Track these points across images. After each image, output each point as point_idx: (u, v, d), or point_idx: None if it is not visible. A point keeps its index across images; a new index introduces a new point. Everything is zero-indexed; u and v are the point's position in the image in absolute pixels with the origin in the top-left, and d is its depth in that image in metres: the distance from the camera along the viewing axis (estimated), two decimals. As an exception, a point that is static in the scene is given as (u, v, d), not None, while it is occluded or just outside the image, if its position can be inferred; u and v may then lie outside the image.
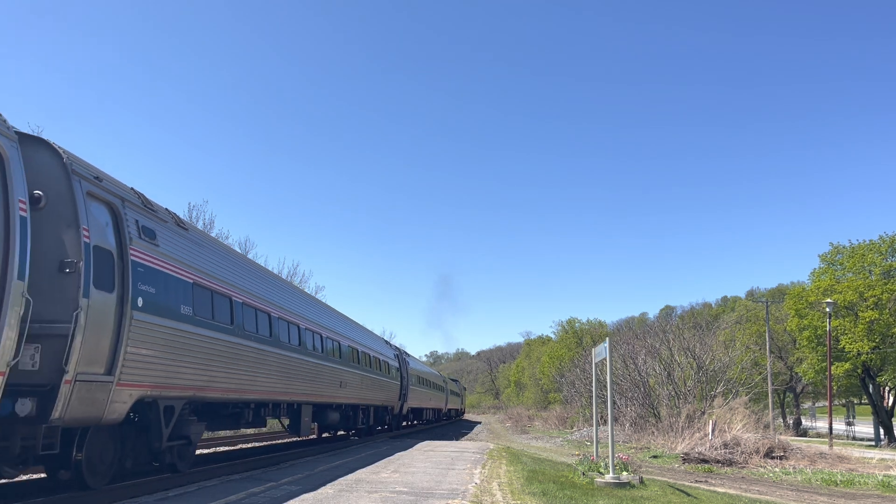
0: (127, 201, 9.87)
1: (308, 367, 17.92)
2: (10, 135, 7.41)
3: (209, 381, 11.83)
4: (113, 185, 9.73)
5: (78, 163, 8.95)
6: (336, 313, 24.49)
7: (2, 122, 7.44)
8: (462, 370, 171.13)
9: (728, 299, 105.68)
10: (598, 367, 16.58)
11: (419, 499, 9.15)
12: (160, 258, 10.31)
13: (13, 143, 7.32)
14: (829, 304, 36.82)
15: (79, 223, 8.41)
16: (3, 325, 6.63)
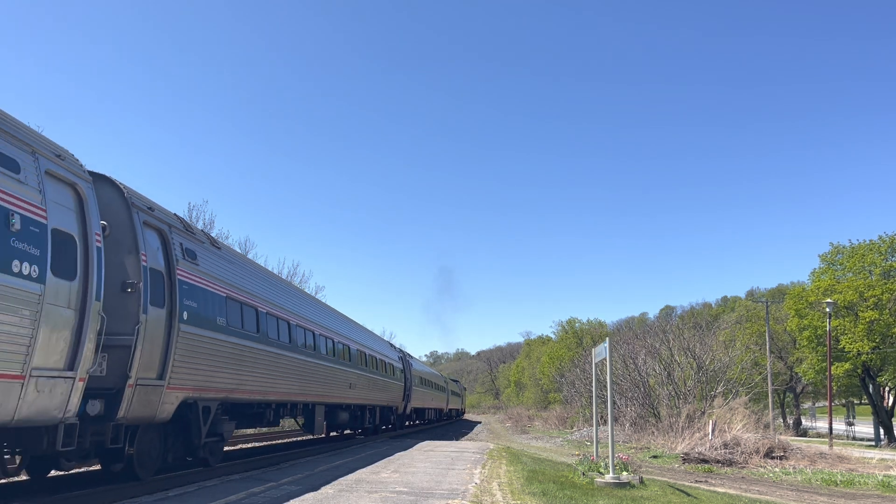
0: (173, 227, 11.32)
1: (322, 370, 19.10)
2: (86, 177, 8.72)
3: (239, 384, 13.18)
4: (162, 214, 11.23)
5: (135, 196, 10.46)
6: (345, 318, 25.53)
7: (78, 165, 8.74)
8: (462, 370, 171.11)
9: (728, 299, 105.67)
10: (598, 367, 16.58)
11: (419, 499, 9.15)
12: (200, 276, 11.73)
13: (89, 184, 8.67)
14: (829, 304, 36.81)
15: (138, 249, 9.90)
16: (85, 340, 8.01)
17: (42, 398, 7.50)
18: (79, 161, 8.80)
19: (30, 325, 7.18)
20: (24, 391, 7.18)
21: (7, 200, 6.92)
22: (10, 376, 6.92)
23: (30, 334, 7.19)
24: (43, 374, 7.47)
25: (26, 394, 7.21)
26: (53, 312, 7.61)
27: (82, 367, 8.05)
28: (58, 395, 7.79)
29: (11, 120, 7.61)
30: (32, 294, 7.20)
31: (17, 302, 6.96)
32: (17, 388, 7.05)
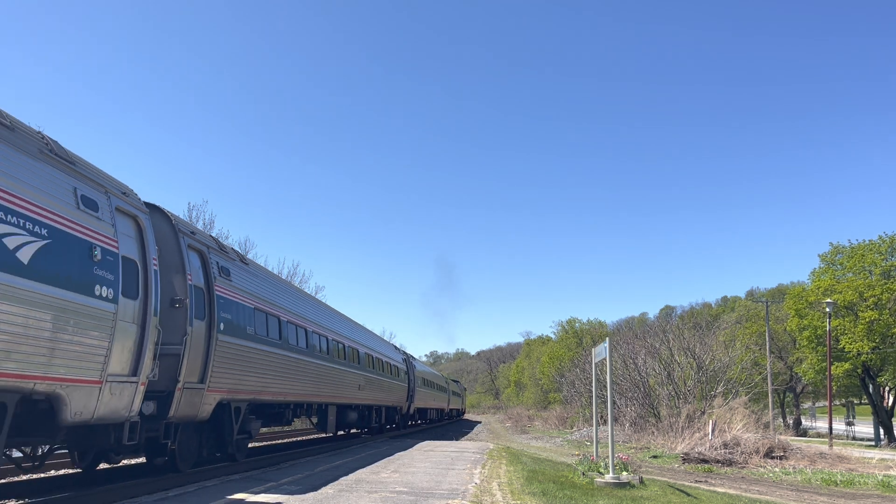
0: (210, 248, 12.77)
1: (334, 373, 20.51)
2: (143, 209, 10.18)
3: (264, 386, 14.62)
4: (201, 236, 12.80)
5: (181, 222, 11.95)
6: (354, 323, 26.98)
7: (138, 199, 10.20)
8: (462, 370, 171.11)
9: (728, 299, 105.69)
10: (598, 367, 16.58)
11: (419, 499, 9.15)
12: (233, 290, 13.19)
13: (146, 215, 10.13)
14: (829, 304, 36.81)
15: (185, 269, 11.35)
16: (145, 350, 9.45)
17: (114, 400, 8.86)
18: (138, 196, 10.37)
19: (107, 339, 8.56)
20: (102, 394, 8.55)
21: (90, 235, 8.37)
22: (93, 382, 8.32)
23: (106, 346, 8.57)
24: (115, 380, 8.82)
25: (103, 396, 8.57)
26: (123, 328, 8.96)
27: (143, 373, 9.48)
28: (125, 397, 9.15)
29: (91, 167, 9.19)
30: (109, 313, 8.58)
31: (98, 320, 8.35)
32: (96, 391, 8.43)
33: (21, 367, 7.05)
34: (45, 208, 7.59)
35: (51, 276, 7.48)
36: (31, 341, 7.18)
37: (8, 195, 6.93)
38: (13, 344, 6.88)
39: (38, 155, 7.86)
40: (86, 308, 8.06)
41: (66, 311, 7.72)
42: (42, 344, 7.34)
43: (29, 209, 7.30)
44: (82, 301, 8.02)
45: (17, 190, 7.15)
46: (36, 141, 8.01)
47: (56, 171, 8.11)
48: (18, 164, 7.35)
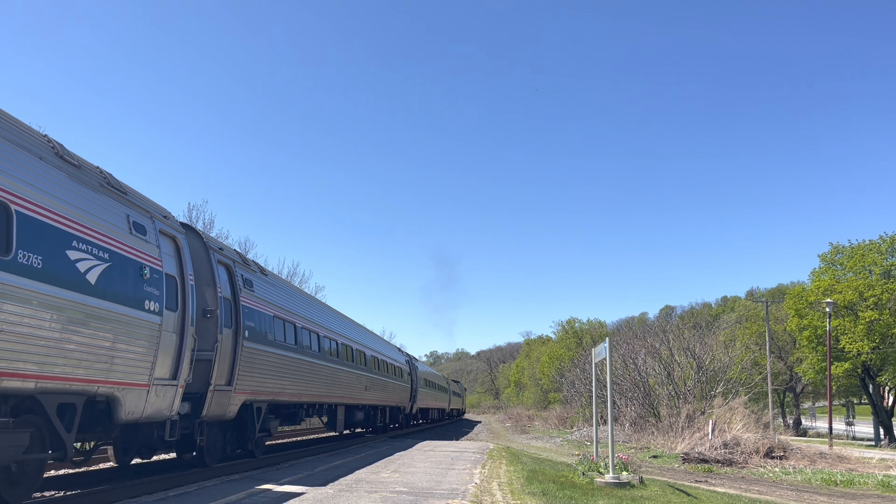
0: (236, 262, 13.95)
1: (343, 375, 21.67)
2: (181, 230, 11.40)
3: (282, 388, 15.73)
4: (229, 252, 14.08)
5: (211, 240, 13.27)
6: (360, 327, 28.42)
7: (176, 222, 11.41)
8: (462, 370, 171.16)
9: (728, 299, 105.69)
10: (598, 367, 16.58)
11: (419, 499, 9.15)
12: (255, 300, 14.31)
13: (183, 235, 11.34)
14: (829, 304, 36.81)
15: (215, 283, 12.47)
16: (184, 356, 10.55)
17: (158, 401, 9.96)
18: (175, 218, 11.66)
19: (153, 348, 9.67)
20: (149, 396, 9.64)
21: (141, 256, 9.52)
22: (142, 385, 9.46)
23: (153, 354, 9.67)
24: (159, 383, 9.91)
25: (150, 398, 9.67)
26: (166, 337, 10.01)
27: (182, 377, 10.58)
28: (167, 398, 10.23)
29: (139, 195, 10.44)
30: (155, 325, 9.70)
31: (147, 331, 9.46)
32: (145, 393, 9.53)
33: (88, 373, 8.22)
34: (106, 235, 8.77)
35: (112, 294, 8.66)
36: (97, 351, 8.35)
37: (79, 225, 8.16)
38: (83, 354, 8.07)
39: (98, 188, 9.04)
40: (138, 321, 9.26)
41: (123, 324, 8.89)
42: (104, 353, 8.50)
43: (94, 237, 8.49)
44: (135, 315, 9.21)
45: (86, 220, 8.35)
46: (96, 175, 9.17)
47: (112, 201, 9.31)
48: (85, 198, 8.54)
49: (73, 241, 7.97)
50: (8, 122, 7.54)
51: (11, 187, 7.03)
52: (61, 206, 7.88)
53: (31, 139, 7.93)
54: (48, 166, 7.96)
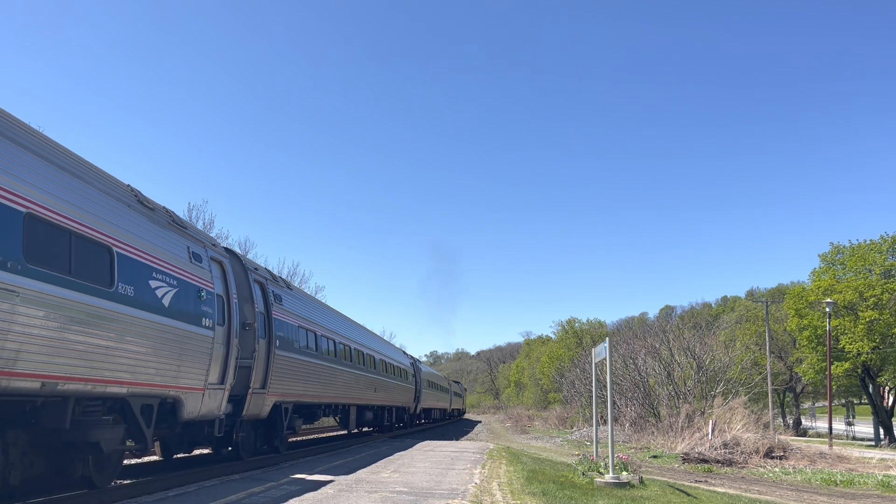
0: (268, 279, 15.80)
1: (356, 377, 23.32)
2: (225, 255, 13.28)
3: (305, 390, 17.50)
4: (263, 271, 16.10)
5: (249, 262, 15.39)
6: (370, 332, 30.52)
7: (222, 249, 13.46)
8: (462, 370, 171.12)
9: (728, 299, 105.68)
10: (598, 367, 16.58)
11: (419, 499, 9.15)
12: (284, 313, 16.03)
13: (227, 260, 13.17)
14: (829, 304, 36.81)
15: (252, 299, 14.32)
16: (230, 364, 12.29)
17: (210, 402, 11.63)
18: (222, 246, 13.84)
19: (207, 357, 11.34)
20: (203, 398, 11.34)
21: (198, 281, 11.23)
22: (199, 389, 11.17)
23: (207, 362, 11.33)
24: (211, 387, 11.58)
25: (204, 399, 11.37)
26: (216, 348, 11.72)
27: (228, 382, 12.29)
28: (217, 400, 11.92)
29: (195, 228, 12.55)
30: (209, 338, 11.40)
31: (203, 343, 11.17)
32: (200, 396, 11.22)
33: (163, 379, 9.98)
34: (174, 265, 10.46)
35: (179, 315, 10.38)
36: (169, 362, 10.08)
37: (156, 259, 9.93)
38: (160, 364, 9.82)
39: (166, 225, 10.81)
40: (197, 336, 10.96)
41: (187, 339, 10.60)
42: (174, 363, 10.24)
43: (166, 267, 10.19)
44: (195, 331, 10.92)
45: (160, 254, 10.09)
46: (164, 214, 10.96)
47: (177, 236, 11.06)
48: (159, 236, 10.32)
49: (153, 272, 9.80)
50: (104, 177, 9.47)
51: (112, 233, 8.91)
52: (144, 244, 9.68)
53: (120, 190, 9.85)
54: (134, 213, 9.87)
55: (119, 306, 8.71)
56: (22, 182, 7.23)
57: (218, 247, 13.19)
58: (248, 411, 13.82)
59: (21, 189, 7.17)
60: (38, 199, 7.43)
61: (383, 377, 28.51)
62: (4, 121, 7.42)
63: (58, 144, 8.53)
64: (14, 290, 6.92)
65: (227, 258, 13.27)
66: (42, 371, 7.47)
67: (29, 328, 7.15)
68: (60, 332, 7.62)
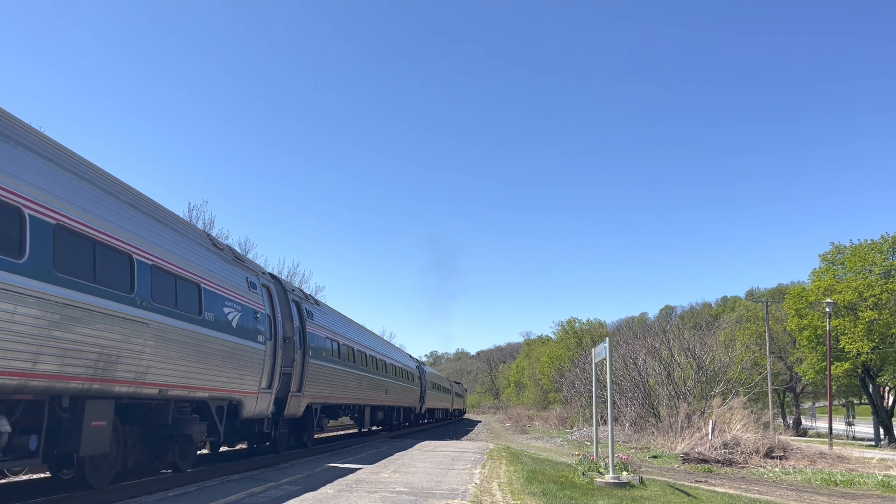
0: (302, 298, 18.46)
1: (370, 381, 25.65)
2: (271, 281, 15.82)
3: (331, 393, 20.14)
4: (299, 292, 18.77)
5: (287, 284, 18.06)
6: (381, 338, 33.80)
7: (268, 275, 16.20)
8: (462, 370, 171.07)
9: (728, 299, 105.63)
10: (598, 367, 16.58)
11: (419, 499, 9.15)
12: (314, 326, 18.58)
13: (272, 284, 15.78)
14: (829, 304, 36.79)
15: (292, 316, 16.80)
16: (276, 372, 14.72)
17: (261, 403, 14.23)
18: (267, 273, 16.59)
19: (260, 366, 13.87)
20: (257, 400, 13.93)
21: (254, 304, 13.93)
22: (254, 393, 13.83)
23: (260, 371, 13.90)
24: (262, 391, 14.12)
25: (258, 401, 13.97)
26: (267, 359, 14.21)
27: (274, 387, 14.84)
28: (266, 402, 14.46)
29: (249, 260, 15.55)
30: (262, 351, 13.99)
31: (258, 356, 13.76)
32: (255, 398, 13.89)
33: (231, 385, 12.61)
34: (237, 293, 13.17)
35: (243, 333, 13.07)
36: (235, 371, 12.66)
37: (226, 290, 12.57)
38: (230, 373, 12.40)
39: (231, 261, 13.60)
40: (254, 350, 13.62)
41: (248, 352, 13.22)
42: (238, 372, 12.80)
43: (233, 295, 12.88)
44: (253, 346, 13.57)
45: (228, 286, 12.78)
46: (229, 252, 13.98)
47: (238, 269, 13.83)
48: (227, 270, 13.01)
49: (225, 300, 12.35)
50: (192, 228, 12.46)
51: (200, 273, 11.49)
52: (219, 279, 12.33)
53: (202, 236, 12.83)
54: (211, 254, 12.57)
55: (205, 329, 11.37)
56: (150, 243, 9.97)
57: (265, 274, 16.12)
58: (287, 411, 16.26)
59: (150, 248, 9.94)
60: (160, 255, 10.21)
61: (393, 380, 30.88)
62: (132, 193, 10.13)
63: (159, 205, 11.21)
64: (146, 322, 9.50)
65: (272, 283, 16.02)
66: (159, 381, 10.01)
67: (154, 349, 9.67)
68: (171, 351, 10.18)
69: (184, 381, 10.69)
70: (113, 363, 8.75)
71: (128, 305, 9.03)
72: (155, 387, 9.85)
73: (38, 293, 7.31)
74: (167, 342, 9.98)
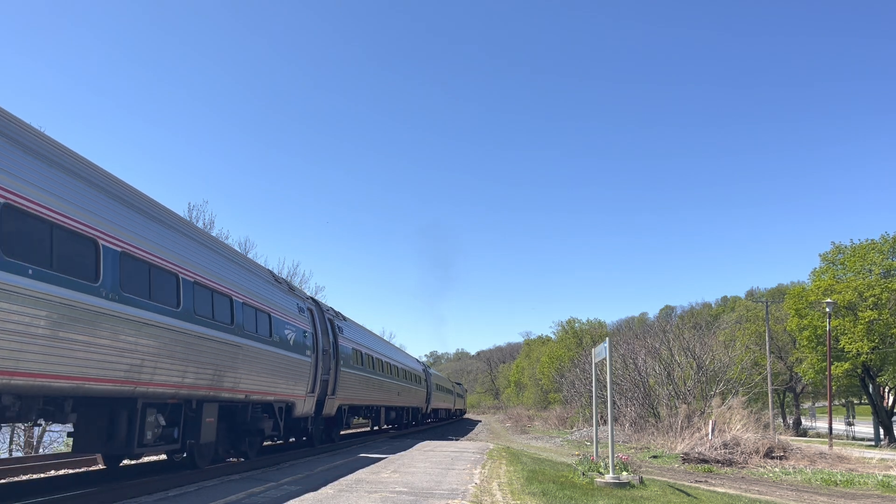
0: (335, 316, 21.79)
1: (385, 384, 28.69)
2: (312, 304, 18.99)
3: (355, 395, 23.09)
4: (332, 312, 21.97)
5: (324, 305, 21.27)
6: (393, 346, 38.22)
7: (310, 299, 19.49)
8: (462, 370, 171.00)
9: (728, 299, 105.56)
10: (598, 367, 16.58)
11: (419, 499, 9.15)
12: (344, 339, 21.83)
13: (314, 306, 19.05)
14: (829, 304, 36.78)
15: (328, 332, 19.96)
16: (317, 379, 17.90)
17: (307, 405, 17.46)
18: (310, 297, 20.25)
19: (307, 375, 17.05)
20: (304, 402, 17.13)
21: (303, 325, 17.07)
22: (302, 396, 16.90)
23: (307, 378, 16.98)
24: (308, 395, 17.34)
25: (305, 403, 17.16)
26: (311, 369, 17.40)
27: (316, 391, 18.06)
28: (310, 403, 17.75)
29: (298, 288, 19.03)
30: (308, 363, 17.20)
31: (306, 366, 16.92)
32: (303, 400, 17.04)
33: (288, 390, 15.80)
34: (292, 317, 16.35)
35: (296, 349, 16.28)
36: (291, 379, 15.90)
37: (285, 315, 15.85)
38: (289, 381, 15.72)
39: (287, 292, 17.03)
40: (303, 362, 16.85)
41: (299, 364, 16.49)
42: (293, 379, 16.07)
43: (289, 319, 16.06)
44: (302, 359, 16.79)
45: (286, 311, 15.97)
46: (286, 284, 17.61)
47: (292, 298, 17.12)
48: (285, 300, 16.33)
49: (285, 324, 15.65)
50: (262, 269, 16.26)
51: (269, 304, 14.81)
52: (280, 307, 15.62)
53: (268, 274, 16.49)
54: (274, 288, 15.92)
55: (274, 348, 14.79)
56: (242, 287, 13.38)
57: (309, 299, 19.67)
58: (324, 411, 19.43)
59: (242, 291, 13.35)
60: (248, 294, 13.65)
61: (404, 383, 34.01)
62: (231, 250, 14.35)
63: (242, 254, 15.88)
64: (240, 346, 12.78)
65: (314, 306, 19.31)
66: (246, 388, 13.31)
67: (244, 365, 13.04)
68: (254, 366, 13.58)
69: (260, 387, 14.06)
70: (221, 376, 12.04)
71: (231, 334, 12.41)
72: (243, 393, 13.27)
73: (188, 331, 10.68)
74: (252, 359, 13.42)
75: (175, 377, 10.25)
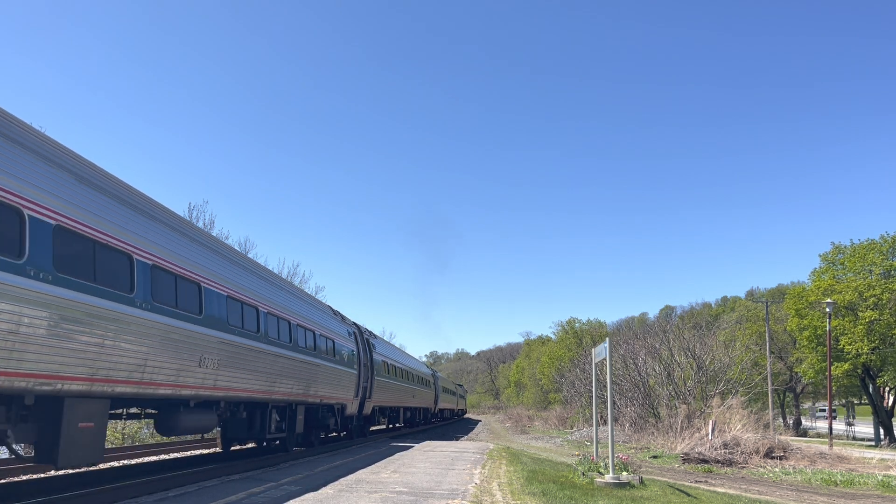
0: (371, 336, 26.89)
1: (406, 388, 33.80)
2: (355, 327, 24.43)
3: (385, 399, 28.09)
4: (368, 332, 27.00)
5: (362, 327, 26.12)
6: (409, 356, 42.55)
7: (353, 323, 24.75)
8: (462, 370, 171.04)
9: (728, 299, 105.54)
10: (598, 367, 16.58)
11: (419, 499, 9.15)
12: (376, 353, 26.48)
13: (356, 329, 24.40)
14: (829, 304, 36.76)
15: (366, 349, 24.79)
16: (360, 386, 23.40)
17: (353, 406, 22.53)
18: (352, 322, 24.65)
19: (354, 383, 22.15)
20: (351, 404, 22.15)
21: (351, 346, 22.43)
22: (349, 399, 21.98)
23: (354, 386, 22.18)
24: (353, 398, 22.28)
25: (352, 404, 22.33)
26: (356, 379, 22.45)
27: (359, 396, 22.93)
28: (355, 405, 22.75)
29: (345, 316, 24.07)
30: (354, 374, 22.31)
31: (352, 377, 22.12)
32: (350, 403, 22.13)
33: (341, 395, 20.77)
34: (345, 340, 21.46)
35: (346, 363, 21.26)
36: (345, 387, 21.04)
37: (341, 339, 21.00)
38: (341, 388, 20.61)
39: (341, 321, 22.35)
40: (351, 373, 21.67)
41: (349, 375, 21.44)
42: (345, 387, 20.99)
43: (343, 342, 21.27)
44: (350, 371, 21.64)
45: (341, 337, 21.11)
46: (339, 315, 22.87)
47: (343, 325, 22.22)
48: (340, 327, 21.60)
49: (342, 347, 20.77)
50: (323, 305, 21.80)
51: (333, 333, 20.18)
52: (337, 334, 20.63)
53: (329, 308, 22.07)
54: (335, 320, 21.45)
55: (336, 365, 19.91)
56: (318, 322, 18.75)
57: (353, 324, 24.34)
58: (364, 411, 24.09)
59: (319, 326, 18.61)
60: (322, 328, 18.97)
61: (418, 387, 38.74)
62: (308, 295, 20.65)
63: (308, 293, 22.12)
64: (319, 365, 17.92)
65: (356, 329, 24.02)
66: (321, 394, 18.40)
67: (322, 377, 18.23)
68: (327, 377, 18.72)
69: (328, 393, 19.12)
70: (308, 386, 17.10)
71: (314, 357, 17.57)
72: (319, 398, 18.32)
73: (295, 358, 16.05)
74: (324, 373, 18.51)
75: (287, 388, 15.58)
